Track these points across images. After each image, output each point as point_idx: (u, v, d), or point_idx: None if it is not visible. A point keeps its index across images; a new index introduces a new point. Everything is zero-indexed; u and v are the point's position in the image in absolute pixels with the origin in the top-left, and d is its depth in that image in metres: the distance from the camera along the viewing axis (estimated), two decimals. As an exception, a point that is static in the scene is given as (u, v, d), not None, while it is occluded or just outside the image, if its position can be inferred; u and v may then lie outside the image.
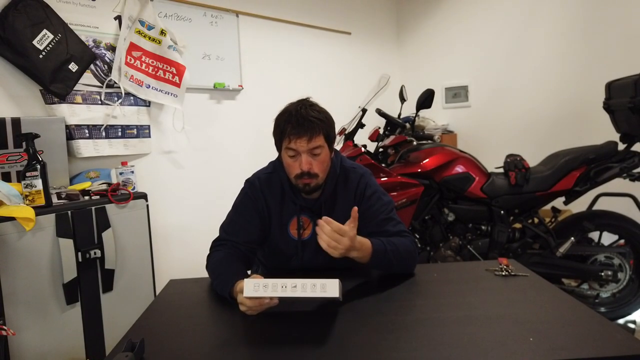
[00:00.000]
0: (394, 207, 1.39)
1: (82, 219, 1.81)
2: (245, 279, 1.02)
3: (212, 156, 2.99)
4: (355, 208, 1.14)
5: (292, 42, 3.50)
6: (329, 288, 0.97)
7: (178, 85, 2.60)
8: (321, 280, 0.98)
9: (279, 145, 1.31)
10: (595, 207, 2.42)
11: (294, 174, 1.28)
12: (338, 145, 2.49)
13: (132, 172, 2.16)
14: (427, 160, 2.33)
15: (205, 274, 1.30)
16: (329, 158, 1.31)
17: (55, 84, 2.12)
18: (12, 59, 2.02)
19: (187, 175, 2.85)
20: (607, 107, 2.31)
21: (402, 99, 2.51)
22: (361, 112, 2.42)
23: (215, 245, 1.35)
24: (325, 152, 1.28)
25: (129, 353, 0.84)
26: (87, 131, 2.28)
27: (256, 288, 0.98)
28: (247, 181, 1.41)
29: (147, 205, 2.10)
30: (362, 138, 2.54)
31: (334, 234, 1.09)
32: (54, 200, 1.79)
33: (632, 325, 2.31)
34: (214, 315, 1.14)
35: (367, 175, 1.40)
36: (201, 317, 1.13)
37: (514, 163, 2.37)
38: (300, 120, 1.22)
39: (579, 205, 2.46)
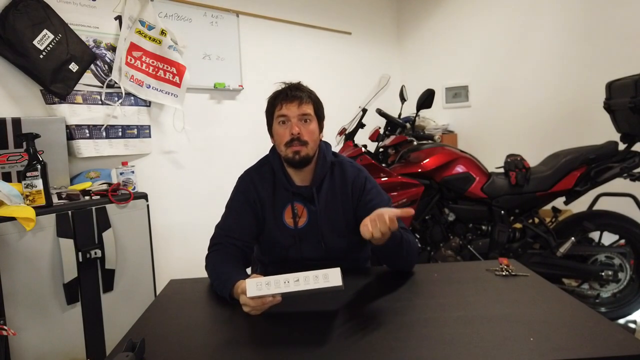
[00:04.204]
0: (392, 205, 1.40)
1: (83, 219, 1.81)
2: (246, 280, 1.01)
3: (212, 156, 2.99)
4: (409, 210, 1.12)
5: (292, 42, 3.50)
6: (332, 277, 0.97)
7: (178, 85, 2.61)
8: (322, 270, 0.98)
9: (270, 119, 1.36)
10: (596, 207, 2.42)
11: (284, 142, 1.30)
12: (338, 145, 2.50)
13: (133, 172, 2.16)
14: (427, 160, 2.33)
15: (205, 274, 1.30)
16: (317, 132, 1.35)
17: (55, 84, 2.12)
18: (13, 59, 2.02)
19: (188, 175, 2.85)
20: (608, 107, 2.31)
21: (403, 99, 2.51)
22: (361, 112, 2.42)
23: (213, 244, 1.35)
24: (315, 124, 1.33)
25: (130, 353, 0.84)
26: (87, 131, 2.28)
27: (259, 287, 0.98)
28: (239, 177, 1.43)
29: (148, 205, 2.10)
30: (362, 138, 2.54)
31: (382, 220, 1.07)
32: (55, 200, 1.79)
33: (632, 325, 2.31)
34: (214, 315, 1.14)
35: (364, 171, 1.43)
36: (202, 317, 1.13)
37: (514, 163, 2.37)
38: (291, 89, 1.32)
39: (580, 205, 2.45)
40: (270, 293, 0.98)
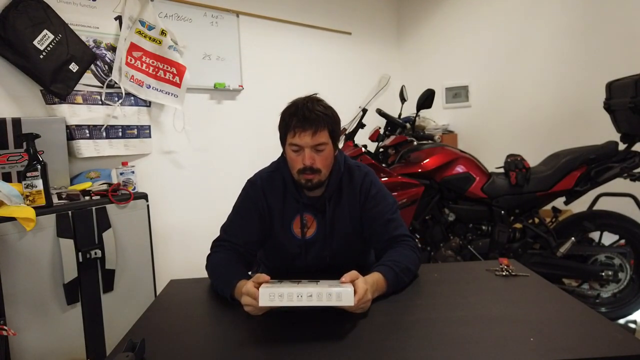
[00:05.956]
0: (397, 207, 1.39)
1: (83, 219, 1.81)
2: (260, 289, 0.99)
3: (212, 156, 2.99)
4: (352, 273, 1.06)
5: (292, 42, 3.50)
6: (345, 297, 0.97)
7: (178, 85, 2.60)
8: (336, 289, 0.98)
9: (283, 139, 1.29)
10: (596, 207, 2.41)
11: (296, 169, 1.26)
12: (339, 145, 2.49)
13: (133, 172, 2.16)
14: (427, 160, 2.33)
15: (206, 274, 1.30)
16: (332, 155, 1.30)
17: (55, 84, 2.12)
18: (13, 60, 2.02)
19: (188, 175, 2.85)
20: (608, 107, 2.31)
21: (403, 99, 2.51)
22: (361, 112, 2.42)
23: (215, 245, 1.34)
24: (329, 149, 1.27)
25: (130, 353, 0.84)
26: (87, 131, 2.28)
27: (272, 298, 0.97)
28: (249, 181, 1.39)
29: (148, 206, 2.10)
30: (362, 138, 2.54)
31: (359, 302, 1.01)
32: (55, 200, 1.79)
33: (632, 325, 2.31)
34: (214, 315, 1.14)
35: (371, 174, 1.39)
36: (202, 318, 1.13)
37: (514, 163, 2.37)
38: (306, 114, 1.21)
39: (580, 205, 2.45)
40: (281, 305, 0.97)
